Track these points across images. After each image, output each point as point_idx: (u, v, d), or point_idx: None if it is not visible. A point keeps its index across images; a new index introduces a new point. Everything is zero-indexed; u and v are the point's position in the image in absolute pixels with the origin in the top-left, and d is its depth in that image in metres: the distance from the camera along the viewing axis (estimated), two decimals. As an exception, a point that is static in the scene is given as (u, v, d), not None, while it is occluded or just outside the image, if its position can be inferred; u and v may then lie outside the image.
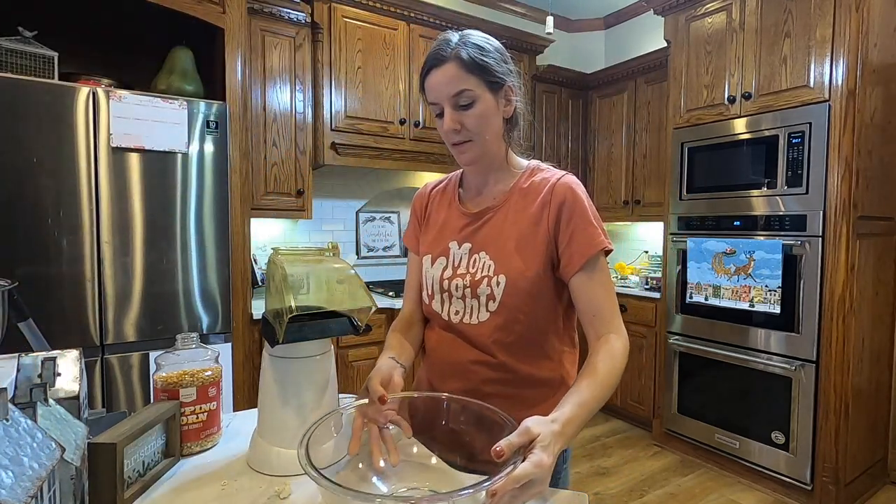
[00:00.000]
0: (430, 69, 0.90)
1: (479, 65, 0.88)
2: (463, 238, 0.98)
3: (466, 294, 0.95)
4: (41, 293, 1.75)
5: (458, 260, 0.97)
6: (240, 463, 0.82)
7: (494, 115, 0.92)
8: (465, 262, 0.96)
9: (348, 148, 2.72)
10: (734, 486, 2.49)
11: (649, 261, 3.51)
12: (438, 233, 1.03)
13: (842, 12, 2.13)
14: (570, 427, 0.72)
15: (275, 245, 2.93)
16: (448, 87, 0.88)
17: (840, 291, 2.17)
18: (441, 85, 0.89)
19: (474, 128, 0.90)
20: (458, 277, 0.96)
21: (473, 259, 0.96)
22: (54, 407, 0.62)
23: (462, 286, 0.95)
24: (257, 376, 2.54)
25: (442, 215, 1.05)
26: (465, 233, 0.98)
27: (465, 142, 0.92)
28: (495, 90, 0.91)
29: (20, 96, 1.71)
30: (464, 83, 0.88)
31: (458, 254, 0.98)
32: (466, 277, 0.95)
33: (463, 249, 0.98)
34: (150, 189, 1.93)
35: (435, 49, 0.90)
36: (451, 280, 0.96)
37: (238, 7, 2.16)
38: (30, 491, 0.45)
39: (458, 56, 0.88)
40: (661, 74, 3.15)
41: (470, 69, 0.88)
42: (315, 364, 0.82)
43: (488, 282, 0.92)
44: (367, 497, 0.53)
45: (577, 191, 0.92)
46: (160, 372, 0.85)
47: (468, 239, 0.98)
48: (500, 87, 0.91)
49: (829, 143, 2.18)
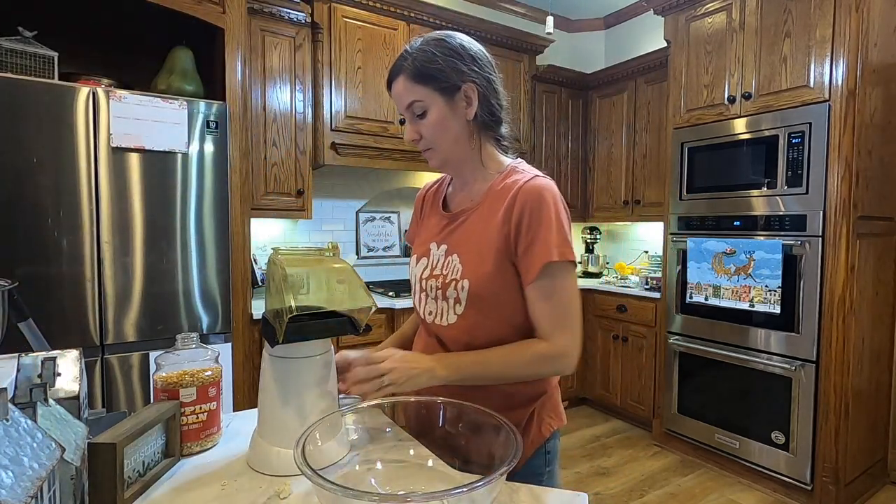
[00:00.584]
0: (389, 83, 0.95)
1: (428, 74, 0.89)
2: (441, 239, 0.99)
3: (438, 295, 0.95)
4: (41, 293, 1.75)
5: (436, 260, 0.98)
6: (240, 463, 0.82)
7: (451, 120, 0.91)
8: (440, 263, 0.96)
9: (348, 148, 2.72)
10: (734, 486, 2.49)
11: (649, 261, 3.51)
12: (425, 233, 1.05)
13: (842, 12, 2.13)
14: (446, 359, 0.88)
15: (275, 245, 2.93)
16: (401, 99, 0.92)
17: (840, 291, 2.17)
18: (396, 98, 0.94)
19: (430, 136, 0.92)
20: (434, 278, 0.96)
21: (447, 261, 0.95)
22: (54, 407, 0.62)
23: (435, 287, 0.95)
24: (257, 376, 2.53)
25: (428, 217, 1.07)
26: (443, 234, 0.99)
27: (427, 149, 0.95)
28: (450, 95, 0.90)
29: (20, 96, 1.71)
30: (413, 94, 0.90)
31: (436, 255, 0.98)
32: (439, 279, 0.95)
33: (441, 251, 0.98)
34: (150, 189, 1.93)
35: (392, 67, 0.94)
36: (428, 280, 0.97)
37: (238, 7, 2.17)
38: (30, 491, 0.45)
39: (406, 69, 0.90)
40: (661, 74, 3.15)
41: (418, 79, 0.89)
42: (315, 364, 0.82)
43: (455, 285, 0.92)
44: (362, 496, 0.53)
45: (543, 195, 0.88)
46: (160, 372, 0.85)
47: (445, 240, 0.98)
48: (455, 90, 0.90)
49: (829, 143, 2.18)
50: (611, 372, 3.34)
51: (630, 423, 3.28)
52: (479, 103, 0.92)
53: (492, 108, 0.94)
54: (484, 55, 0.95)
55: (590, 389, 3.51)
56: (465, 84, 0.90)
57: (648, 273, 3.30)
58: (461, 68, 0.90)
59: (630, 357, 3.20)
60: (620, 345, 3.25)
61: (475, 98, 0.92)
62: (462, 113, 0.92)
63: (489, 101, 0.94)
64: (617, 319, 3.27)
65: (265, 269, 2.77)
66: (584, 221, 3.87)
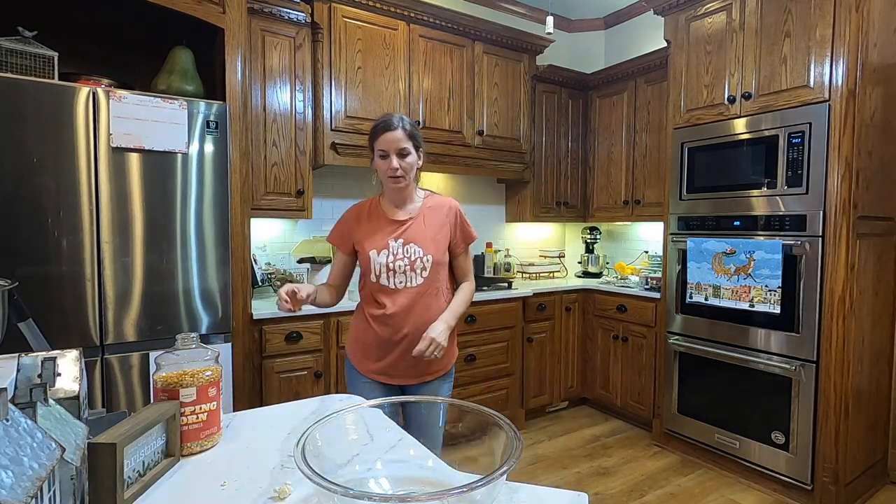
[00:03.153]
0: (385, 130, 1.53)
1: (413, 134, 1.57)
2: (397, 236, 1.59)
3: (406, 269, 1.57)
4: (41, 293, 1.75)
5: (396, 250, 1.58)
6: (240, 463, 0.82)
7: (415, 163, 1.58)
8: (401, 251, 1.58)
9: (348, 148, 2.72)
10: (734, 486, 2.49)
11: (649, 261, 3.51)
12: (374, 235, 1.60)
13: (842, 12, 2.13)
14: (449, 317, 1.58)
15: (275, 245, 2.93)
16: (397, 143, 1.53)
17: (840, 291, 2.17)
18: (393, 141, 1.53)
19: (407, 170, 1.56)
20: (400, 260, 1.57)
21: (406, 248, 1.58)
22: (54, 407, 0.62)
23: (403, 266, 1.57)
24: (257, 376, 2.55)
25: (373, 224, 1.62)
26: (398, 233, 1.60)
27: (400, 177, 1.55)
28: (417, 150, 1.58)
29: (20, 96, 1.71)
30: (405, 143, 1.54)
31: (394, 246, 1.58)
32: (405, 259, 1.57)
33: (398, 243, 1.58)
34: (150, 189, 1.93)
35: (389, 120, 1.55)
36: (395, 261, 1.56)
37: (238, 7, 2.17)
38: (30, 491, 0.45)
39: (403, 127, 1.54)
40: (661, 74, 3.15)
41: (408, 136, 1.55)
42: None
43: (421, 261, 1.57)
44: (362, 496, 0.53)
45: (460, 209, 1.69)
46: (160, 372, 0.85)
47: (401, 236, 1.59)
48: (418, 148, 1.59)
49: (829, 143, 2.18)
50: (611, 372, 3.34)
51: (630, 423, 3.28)
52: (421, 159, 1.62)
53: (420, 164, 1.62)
54: None
55: (590, 389, 3.51)
56: (420, 148, 1.61)
57: (648, 273, 3.30)
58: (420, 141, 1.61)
59: (630, 357, 3.20)
60: (620, 345, 3.25)
61: (421, 156, 1.61)
62: (418, 163, 1.60)
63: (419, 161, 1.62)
64: (617, 319, 3.27)
65: (265, 268, 2.77)
66: (584, 221, 3.87)
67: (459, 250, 1.67)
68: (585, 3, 3.90)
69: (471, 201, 3.66)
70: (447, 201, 1.67)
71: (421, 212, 1.62)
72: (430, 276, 1.57)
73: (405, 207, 1.63)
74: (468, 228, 1.67)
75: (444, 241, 1.61)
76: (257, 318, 2.30)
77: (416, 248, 1.57)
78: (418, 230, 1.59)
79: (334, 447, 0.75)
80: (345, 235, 1.66)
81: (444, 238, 1.61)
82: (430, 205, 1.64)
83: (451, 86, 3.08)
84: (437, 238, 1.60)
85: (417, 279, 1.56)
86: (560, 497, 0.73)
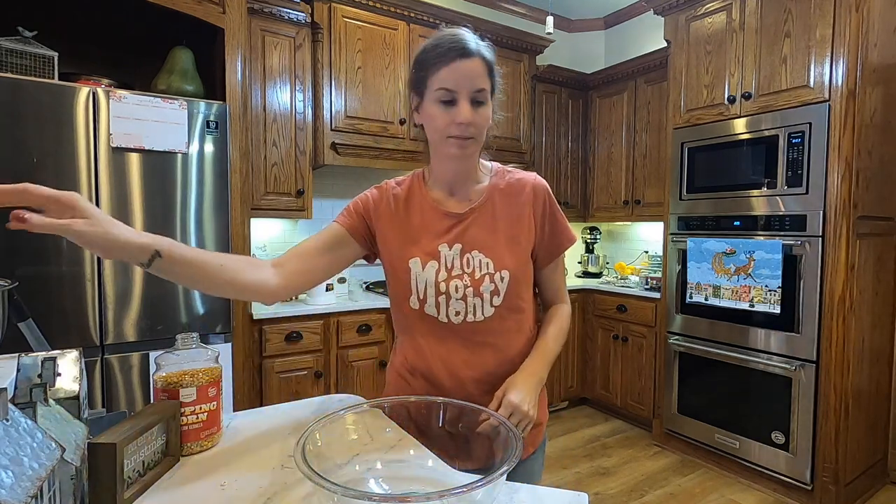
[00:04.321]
0: (456, 57, 0.88)
1: (493, 71, 0.93)
2: (452, 240, 0.98)
3: (468, 294, 0.96)
4: (41, 293, 1.75)
5: (450, 262, 0.97)
6: (240, 463, 0.82)
7: (490, 119, 0.95)
8: (458, 263, 0.97)
9: (348, 148, 2.72)
10: (734, 486, 2.49)
11: (649, 261, 3.51)
12: (417, 234, 1.00)
13: (842, 12, 2.13)
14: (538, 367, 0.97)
15: (275, 245, 2.93)
16: (473, 80, 0.89)
17: (840, 291, 2.17)
18: (466, 77, 0.88)
19: (480, 127, 0.92)
20: (456, 279, 0.96)
21: (466, 259, 0.97)
22: (54, 407, 0.62)
23: (463, 286, 0.96)
24: (257, 376, 2.55)
25: (414, 217, 1.02)
26: (453, 234, 0.98)
27: (470, 137, 0.92)
28: (493, 98, 0.95)
29: (20, 96, 1.71)
30: (484, 82, 0.91)
31: (449, 255, 0.98)
32: (465, 278, 0.96)
33: (454, 251, 0.98)
34: (150, 189, 1.93)
35: (458, 37, 0.89)
36: (448, 282, 0.96)
37: (238, 7, 2.17)
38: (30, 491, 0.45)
39: (483, 55, 0.90)
40: (661, 74, 3.15)
41: (489, 71, 0.92)
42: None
43: (490, 279, 0.96)
44: (362, 496, 0.53)
45: (550, 191, 1.03)
46: (160, 372, 0.85)
47: (457, 240, 0.98)
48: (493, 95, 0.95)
49: (829, 143, 2.18)
50: (611, 372, 3.34)
51: (630, 423, 3.28)
52: None
53: None
54: None
55: (590, 389, 3.51)
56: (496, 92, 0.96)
57: (648, 273, 3.30)
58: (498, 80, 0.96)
59: (630, 357, 3.20)
60: (620, 345, 3.25)
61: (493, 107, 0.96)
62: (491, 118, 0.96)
63: None
64: (617, 319, 3.27)
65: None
66: (584, 221, 3.87)
67: (548, 257, 1.03)
68: (585, 3, 3.90)
69: (471, 201, 3.65)
70: (528, 179, 1.02)
71: (488, 197, 1.00)
72: (506, 303, 0.97)
73: (464, 191, 1.02)
74: (563, 223, 1.03)
75: (527, 245, 0.99)
76: (257, 318, 2.30)
77: (481, 258, 0.97)
78: (485, 228, 0.99)
79: (334, 447, 0.75)
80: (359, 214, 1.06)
81: (527, 239, 0.99)
82: (503, 185, 1.01)
83: (451, 86, 3.08)
84: (515, 239, 0.98)
85: (486, 308, 0.96)
86: (560, 497, 0.73)
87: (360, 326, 2.57)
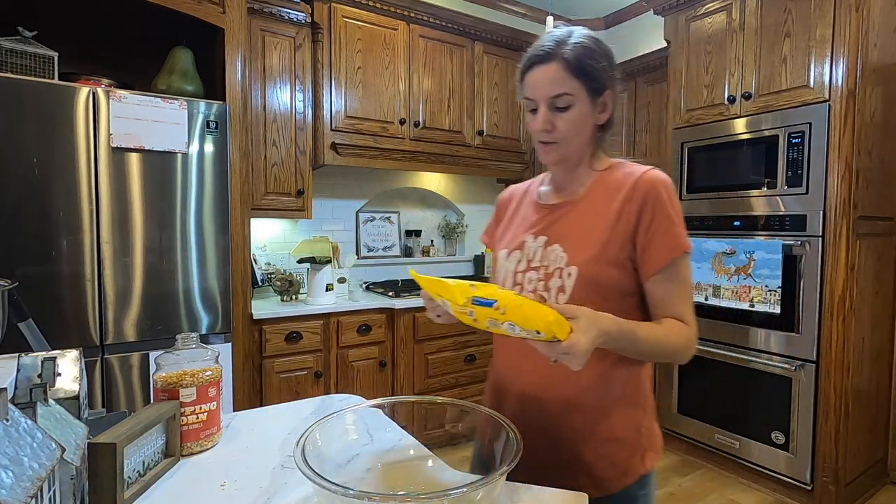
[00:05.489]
0: (532, 64, 0.88)
1: (584, 69, 0.86)
2: (539, 231, 0.95)
3: (538, 287, 0.90)
4: (41, 293, 1.75)
5: (532, 253, 0.93)
6: (240, 463, 0.82)
7: (588, 120, 0.90)
8: (539, 255, 0.92)
9: (348, 148, 2.72)
10: (734, 486, 2.49)
11: (649, 261, 3.51)
12: (516, 229, 1.01)
13: (842, 12, 2.13)
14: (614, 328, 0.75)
15: (275, 245, 2.93)
16: (548, 87, 0.87)
17: (840, 291, 2.17)
18: (541, 84, 0.87)
19: (565, 131, 0.89)
20: (533, 270, 0.92)
21: (548, 251, 0.92)
22: (54, 407, 0.62)
23: (535, 279, 0.91)
24: (257, 376, 2.54)
25: (521, 213, 1.02)
26: (541, 225, 0.95)
27: (551, 143, 0.90)
28: (595, 96, 0.89)
29: (20, 96, 1.71)
30: (564, 86, 0.86)
31: (532, 246, 0.94)
32: (541, 270, 0.91)
33: (538, 242, 0.94)
34: (150, 189, 1.93)
35: (540, 43, 0.88)
36: (526, 273, 0.93)
37: (238, 7, 2.17)
38: (30, 491, 0.45)
39: (564, 56, 0.86)
40: (661, 74, 3.15)
41: (573, 72, 0.86)
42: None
43: (560, 273, 0.88)
44: (362, 496, 0.53)
45: (661, 187, 0.87)
46: (160, 372, 0.85)
47: (544, 231, 0.94)
48: (601, 93, 0.90)
49: (829, 143, 2.18)
50: (611, 372, 3.33)
51: (630, 423, 3.28)
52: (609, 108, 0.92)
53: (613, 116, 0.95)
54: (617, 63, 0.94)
55: (590, 389, 3.50)
56: (608, 90, 0.91)
57: (648, 273, 3.29)
58: (610, 73, 0.91)
59: (630, 357, 3.19)
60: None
61: (611, 105, 0.92)
62: (596, 116, 0.92)
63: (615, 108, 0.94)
64: (617, 319, 3.27)
65: (265, 268, 2.77)
66: (584, 221, 3.87)
67: (650, 266, 0.86)
68: (585, 3, 3.90)
69: (471, 201, 3.65)
70: (637, 172, 0.90)
71: (590, 191, 0.93)
72: None
73: (569, 187, 0.97)
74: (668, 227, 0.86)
75: (618, 246, 0.86)
76: (257, 318, 2.30)
77: (559, 252, 0.90)
78: (577, 221, 0.92)
79: (334, 447, 0.75)
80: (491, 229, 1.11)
81: (619, 240, 0.87)
82: (608, 180, 0.92)
83: (451, 86, 3.08)
84: (597, 238, 0.88)
85: None
86: (560, 497, 0.73)
87: (360, 326, 2.57)
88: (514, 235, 1.00)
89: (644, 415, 0.93)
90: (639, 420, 0.92)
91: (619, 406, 0.90)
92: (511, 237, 1.00)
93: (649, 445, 0.92)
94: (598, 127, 0.94)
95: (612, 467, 0.88)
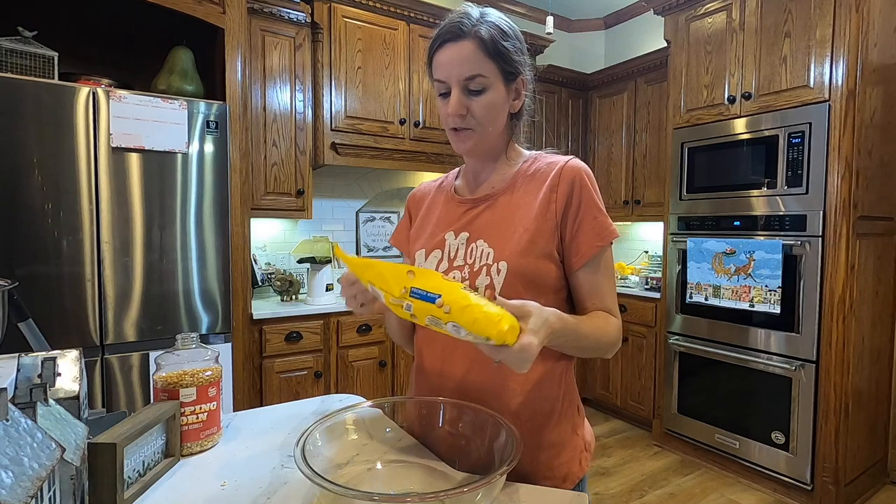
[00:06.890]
0: (443, 42, 0.82)
1: (499, 50, 0.81)
2: (460, 227, 0.89)
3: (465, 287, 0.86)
4: (41, 293, 1.75)
5: (454, 251, 0.87)
6: (240, 463, 0.82)
7: (503, 106, 0.85)
8: (461, 253, 0.87)
9: (348, 148, 2.72)
10: (734, 486, 2.49)
11: (649, 261, 3.51)
12: (434, 227, 0.94)
13: (842, 12, 2.13)
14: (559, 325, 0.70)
15: (275, 245, 2.93)
16: (461, 67, 0.80)
17: (840, 291, 2.17)
18: (454, 63, 0.81)
19: (480, 117, 0.83)
20: (456, 270, 0.86)
21: (471, 248, 0.86)
22: (54, 407, 0.62)
23: (460, 278, 0.84)
24: (257, 376, 2.54)
25: (437, 210, 0.96)
26: (463, 221, 0.89)
27: (466, 129, 0.84)
28: (509, 81, 0.84)
29: (20, 96, 1.71)
30: (479, 67, 0.80)
31: (454, 245, 0.88)
32: (465, 269, 0.85)
33: (460, 239, 0.88)
34: (150, 189, 1.93)
35: (452, 21, 0.82)
36: (448, 273, 0.86)
37: (238, 7, 2.17)
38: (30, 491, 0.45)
39: (479, 35, 0.80)
40: (661, 74, 3.15)
41: (488, 53, 0.80)
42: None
43: (487, 270, 0.82)
44: (362, 495, 0.53)
45: (585, 176, 0.85)
46: (160, 372, 0.85)
47: (465, 228, 0.88)
48: (514, 78, 0.85)
49: (829, 143, 2.18)
50: (611, 372, 3.34)
51: (630, 423, 3.28)
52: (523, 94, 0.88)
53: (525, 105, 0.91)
54: None
55: (590, 389, 3.50)
56: (521, 75, 0.86)
57: (648, 273, 3.30)
58: (522, 58, 0.86)
59: (630, 357, 3.20)
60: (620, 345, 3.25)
61: (523, 91, 0.88)
62: (510, 103, 0.87)
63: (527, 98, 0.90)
64: (617, 319, 3.27)
65: (265, 268, 2.77)
66: (584, 221, 3.87)
67: (578, 257, 0.84)
68: (585, 3, 3.90)
69: (471, 201, 3.65)
70: (559, 162, 0.87)
71: (510, 184, 0.89)
72: None
73: (487, 179, 0.92)
74: (595, 216, 0.84)
75: (545, 238, 0.83)
76: (257, 318, 2.30)
77: (485, 248, 0.85)
78: (499, 216, 0.87)
79: (334, 447, 0.75)
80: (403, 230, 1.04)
81: (546, 231, 0.83)
82: (531, 171, 0.89)
83: (451, 86, 3.08)
84: (525, 230, 0.83)
85: None
86: (560, 497, 0.73)
87: (360, 326, 2.57)
88: (431, 234, 0.93)
89: (578, 415, 0.91)
90: (575, 421, 0.89)
91: (557, 408, 0.86)
92: (428, 236, 0.93)
93: (584, 446, 0.90)
94: (511, 115, 0.89)
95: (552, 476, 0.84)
